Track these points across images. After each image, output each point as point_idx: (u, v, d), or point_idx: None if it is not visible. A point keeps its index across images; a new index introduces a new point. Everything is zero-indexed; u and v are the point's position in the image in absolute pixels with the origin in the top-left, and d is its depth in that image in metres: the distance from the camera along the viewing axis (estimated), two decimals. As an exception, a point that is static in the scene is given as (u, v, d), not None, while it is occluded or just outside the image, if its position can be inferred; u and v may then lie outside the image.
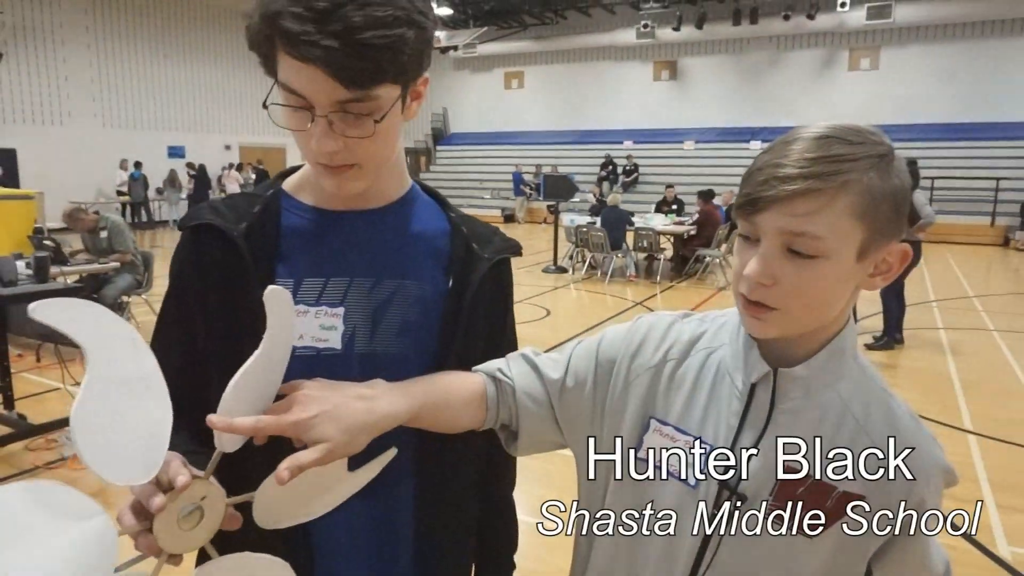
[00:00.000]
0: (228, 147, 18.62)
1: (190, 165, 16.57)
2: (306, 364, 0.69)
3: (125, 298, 5.72)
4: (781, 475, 0.74)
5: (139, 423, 0.59)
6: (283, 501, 0.68)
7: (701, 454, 0.78)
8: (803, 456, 0.74)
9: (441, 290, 0.89)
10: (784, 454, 0.74)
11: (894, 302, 5.93)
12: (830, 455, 0.74)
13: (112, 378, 0.58)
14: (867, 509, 0.73)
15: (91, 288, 4.65)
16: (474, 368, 0.90)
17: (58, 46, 14.96)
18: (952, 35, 16.83)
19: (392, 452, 0.73)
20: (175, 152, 17.30)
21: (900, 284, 5.90)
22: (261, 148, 19.23)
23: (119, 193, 15.56)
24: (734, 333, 0.81)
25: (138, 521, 0.60)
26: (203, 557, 0.65)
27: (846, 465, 0.73)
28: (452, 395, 0.84)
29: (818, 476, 0.74)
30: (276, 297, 0.64)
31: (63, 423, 3.63)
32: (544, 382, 0.89)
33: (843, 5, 16.40)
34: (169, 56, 17.13)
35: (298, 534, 0.79)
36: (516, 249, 0.96)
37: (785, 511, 0.75)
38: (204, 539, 0.62)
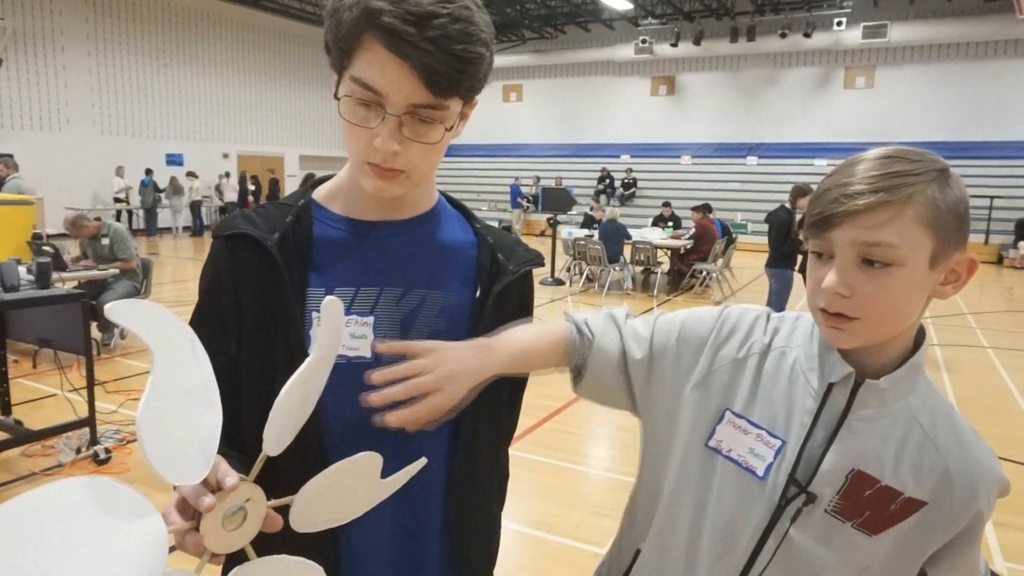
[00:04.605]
0: (226, 155, 18.65)
1: (190, 174, 16.58)
2: (336, 372, 0.70)
3: (123, 305, 5.71)
4: (851, 476, 0.78)
5: (196, 426, 0.61)
6: (320, 505, 0.69)
7: (772, 448, 0.81)
8: (872, 461, 0.78)
9: (468, 300, 0.91)
10: (856, 457, 0.78)
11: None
12: (898, 463, 0.78)
13: (174, 382, 0.60)
14: (928, 512, 0.78)
15: (91, 294, 4.63)
16: (564, 313, 0.96)
17: (58, 53, 14.99)
18: (946, 55, 17.01)
19: (422, 462, 0.75)
20: (173, 160, 17.31)
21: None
22: (259, 157, 19.27)
23: (116, 200, 15.55)
24: (808, 335, 0.85)
25: (185, 520, 0.62)
26: (231, 559, 0.66)
27: (913, 473, 0.78)
28: (537, 346, 0.90)
29: (886, 482, 0.77)
30: (332, 307, 0.65)
31: (60, 429, 3.61)
32: (625, 356, 0.93)
33: (839, 24, 16.58)
34: (169, 65, 17.19)
35: (326, 536, 0.80)
36: (539, 260, 0.99)
37: (850, 510, 0.78)
38: (246, 540, 0.64)
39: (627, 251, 9.72)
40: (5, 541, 0.48)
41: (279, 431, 0.65)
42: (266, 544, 0.66)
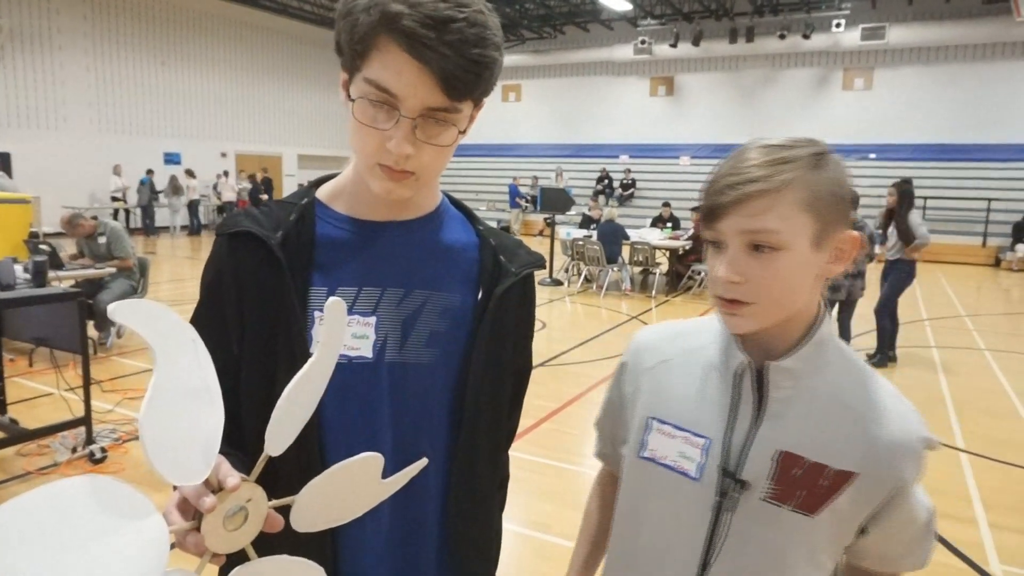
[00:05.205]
0: (224, 155, 18.62)
1: (188, 173, 16.54)
2: (338, 372, 0.69)
3: (120, 304, 5.69)
4: (778, 459, 0.80)
5: (197, 426, 0.61)
6: (321, 505, 0.69)
7: (699, 447, 0.84)
8: (797, 440, 0.80)
9: (470, 302, 0.90)
10: (780, 439, 0.80)
11: (888, 320, 5.96)
12: (822, 438, 0.80)
13: (177, 382, 0.60)
14: (860, 482, 0.79)
15: (87, 293, 4.62)
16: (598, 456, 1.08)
17: (56, 51, 14.95)
18: (944, 57, 17.04)
19: (423, 462, 0.74)
20: (171, 159, 17.28)
21: (894, 303, 5.94)
22: (257, 156, 19.25)
23: (114, 199, 15.52)
24: (716, 331, 0.88)
25: (185, 520, 0.61)
26: (232, 559, 0.66)
27: (837, 445, 0.80)
28: (602, 533, 1.03)
29: (813, 458, 0.79)
30: (335, 308, 0.65)
31: (55, 428, 3.60)
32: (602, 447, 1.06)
33: (838, 26, 16.61)
34: (167, 63, 17.15)
35: (325, 537, 0.80)
36: (541, 262, 0.99)
37: (785, 494, 0.80)
38: (246, 540, 0.63)
39: (626, 252, 9.72)
40: (6, 541, 0.48)
41: (281, 431, 0.65)
42: (264, 544, 0.66)
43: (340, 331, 0.67)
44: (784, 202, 0.75)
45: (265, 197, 17.20)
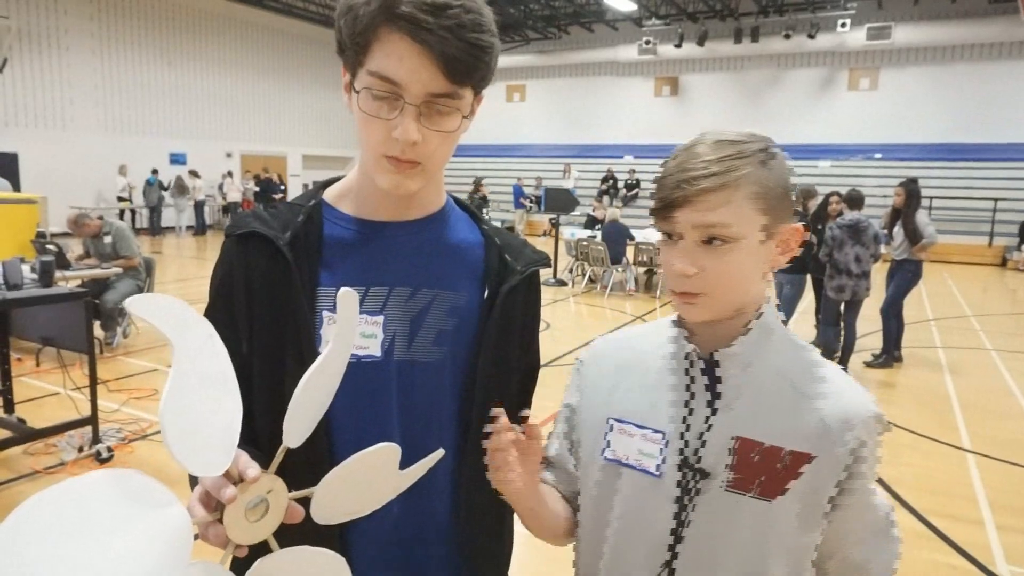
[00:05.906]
0: (229, 155, 18.67)
1: (192, 173, 16.59)
2: (347, 371, 0.70)
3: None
4: (735, 446, 0.81)
5: (217, 418, 0.61)
6: (339, 497, 0.69)
7: (658, 443, 0.85)
8: (751, 425, 0.81)
9: (476, 300, 0.91)
10: (735, 426, 0.81)
11: (893, 320, 5.94)
12: (776, 421, 0.81)
13: (194, 373, 0.60)
14: (816, 463, 0.79)
15: (93, 293, 4.64)
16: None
17: (63, 52, 15.02)
18: (951, 57, 16.97)
19: (440, 453, 0.74)
20: (177, 159, 17.34)
21: (899, 303, 5.92)
22: (262, 156, 19.29)
23: (120, 199, 15.58)
24: (668, 329, 0.90)
25: (208, 512, 0.62)
26: (254, 551, 0.66)
27: (790, 427, 0.80)
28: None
29: (768, 442, 0.80)
30: (348, 299, 0.66)
31: (62, 427, 3.62)
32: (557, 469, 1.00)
33: (843, 26, 16.56)
34: (173, 63, 17.21)
35: (333, 532, 0.80)
36: (546, 261, 0.99)
37: (745, 481, 0.80)
38: (268, 531, 0.64)
39: (630, 252, 9.72)
40: (37, 532, 0.49)
41: (299, 423, 0.65)
42: (277, 534, 0.66)
43: (353, 321, 0.67)
44: (738, 197, 0.77)
45: (279, 196, 17.22)
